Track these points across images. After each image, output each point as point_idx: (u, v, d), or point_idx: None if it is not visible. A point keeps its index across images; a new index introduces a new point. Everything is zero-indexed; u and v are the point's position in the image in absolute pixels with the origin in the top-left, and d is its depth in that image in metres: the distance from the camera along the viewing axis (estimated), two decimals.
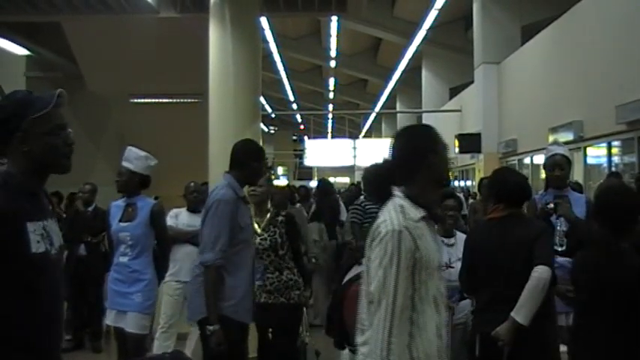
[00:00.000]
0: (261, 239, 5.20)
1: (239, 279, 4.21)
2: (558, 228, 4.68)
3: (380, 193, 4.41)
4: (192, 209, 6.88)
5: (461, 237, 4.95)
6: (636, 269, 3.35)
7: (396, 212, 2.56)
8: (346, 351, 4.35)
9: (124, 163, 4.98)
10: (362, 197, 9.20)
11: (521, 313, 3.71)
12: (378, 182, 4.39)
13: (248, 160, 4.42)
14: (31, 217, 2.50)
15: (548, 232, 4.07)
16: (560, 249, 4.60)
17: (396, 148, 2.74)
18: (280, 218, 5.30)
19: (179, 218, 6.80)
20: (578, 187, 9.19)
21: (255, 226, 5.26)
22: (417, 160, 2.66)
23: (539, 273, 3.72)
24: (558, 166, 4.96)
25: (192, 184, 6.95)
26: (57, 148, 2.60)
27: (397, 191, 2.67)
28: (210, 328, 4.08)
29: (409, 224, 2.51)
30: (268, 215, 5.31)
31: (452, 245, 4.90)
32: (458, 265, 4.66)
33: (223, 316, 4.10)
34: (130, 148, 5.06)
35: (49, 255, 2.56)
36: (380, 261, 2.48)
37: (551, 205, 4.65)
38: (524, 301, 3.72)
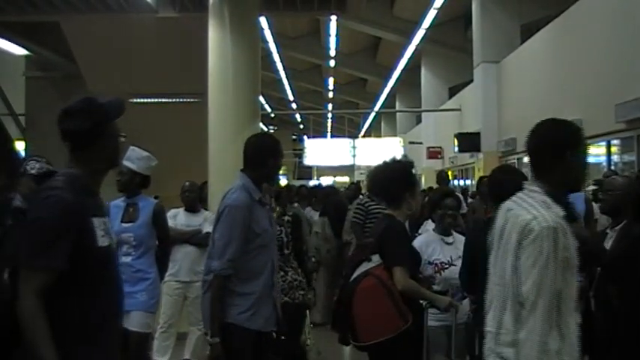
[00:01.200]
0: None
1: (255, 285, 3.92)
2: None
3: (386, 193, 4.45)
4: (190, 209, 6.88)
5: (458, 237, 4.97)
6: None
7: (544, 208, 2.44)
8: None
9: (126, 163, 4.96)
10: (364, 197, 9.23)
11: None
12: (385, 182, 4.41)
13: (263, 158, 4.02)
14: (95, 213, 2.67)
15: None
16: None
17: (535, 140, 2.65)
18: (286, 218, 5.30)
19: (177, 219, 6.80)
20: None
21: None
22: (556, 156, 2.56)
23: None
24: None
25: (187, 183, 6.96)
26: (119, 151, 2.83)
27: (534, 186, 2.56)
28: (210, 340, 3.89)
29: (559, 221, 2.41)
30: (274, 214, 5.30)
31: (450, 244, 4.91)
32: (458, 263, 4.69)
33: (233, 324, 3.88)
34: (132, 147, 5.05)
35: (112, 249, 2.74)
36: (534, 260, 2.37)
37: None
38: None
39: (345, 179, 36.43)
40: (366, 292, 3.99)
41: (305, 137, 39.78)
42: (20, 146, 16.48)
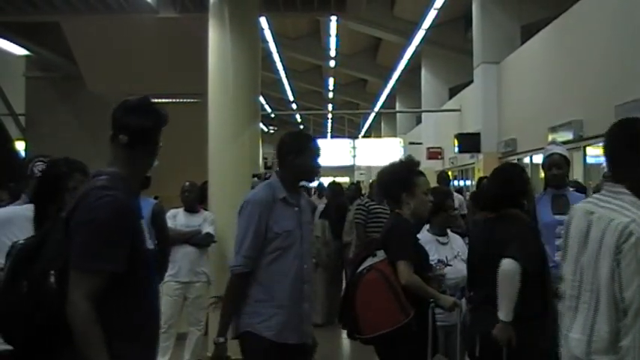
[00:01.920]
0: None
1: (276, 293, 3.69)
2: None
3: (387, 193, 4.47)
4: (190, 209, 6.89)
5: (453, 237, 5.02)
6: None
7: (637, 209, 2.35)
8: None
9: None
10: (365, 197, 9.25)
11: (500, 310, 3.75)
12: (386, 183, 4.43)
13: (294, 157, 3.85)
14: (142, 216, 2.71)
15: (526, 232, 3.98)
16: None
17: (613, 141, 2.58)
18: None
19: (177, 219, 6.81)
20: (579, 186, 9.20)
21: None
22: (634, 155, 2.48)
23: (502, 265, 3.74)
24: (556, 165, 4.97)
25: (186, 183, 6.97)
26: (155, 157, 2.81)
27: (617, 187, 2.48)
28: (215, 339, 3.70)
29: None
30: None
31: (445, 244, 4.95)
32: (454, 263, 4.74)
33: (249, 332, 3.68)
34: None
35: (154, 251, 2.77)
36: (637, 265, 2.30)
37: None
38: (499, 297, 3.76)
39: (346, 180, 36.43)
40: (368, 286, 4.05)
41: None
42: (20, 146, 16.48)
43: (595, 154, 13.36)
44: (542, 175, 5.31)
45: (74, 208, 2.55)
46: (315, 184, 14.75)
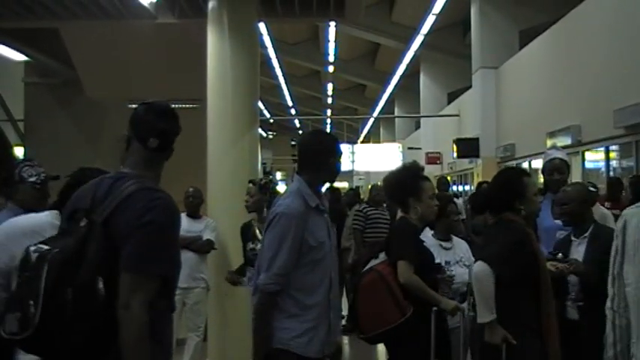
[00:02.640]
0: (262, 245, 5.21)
1: (310, 306, 3.45)
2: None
3: (393, 198, 4.49)
4: (192, 214, 6.89)
5: (457, 242, 5.03)
6: None
7: None
8: None
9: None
10: (363, 203, 9.26)
11: (477, 311, 3.77)
12: (392, 187, 4.44)
13: (321, 157, 3.56)
14: None
15: (504, 236, 3.91)
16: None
17: None
18: None
19: None
20: (594, 193, 9.18)
21: (257, 231, 5.26)
22: None
23: (474, 268, 3.79)
24: (557, 170, 4.97)
25: (190, 189, 6.98)
26: None
27: None
28: None
29: None
30: None
31: (449, 249, 4.96)
32: (455, 268, 4.75)
33: (283, 350, 3.41)
34: None
35: None
36: None
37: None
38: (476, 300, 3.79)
39: (344, 185, 36.41)
40: (367, 287, 4.14)
41: None
42: (19, 152, 16.47)
43: (593, 158, 13.38)
44: (542, 179, 5.31)
45: (114, 211, 2.47)
46: None
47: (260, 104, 10.27)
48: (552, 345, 3.78)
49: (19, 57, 14.15)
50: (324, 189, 3.84)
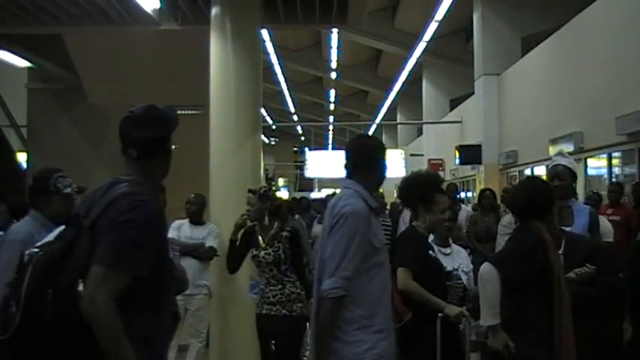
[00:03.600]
0: (265, 254, 5.22)
1: (376, 313, 3.26)
2: None
3: (404, 202, 4.49)
4: (194, 221, 6.89)
5: (456, 249, 5.02)
6: None
7: None
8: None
9: None
10: None
11: (481, 313, 3.76)
12: (403, 192, 4.44)
13: (374, 160, 3.51)
14: (165, 224, 2.71)
15: (516, 241, 3.91)
16: None
17: None
18: (285, 233, 5.31)
19: (181, 230, 6.82)
20: (597, 198, 9.21)
21: (260, 240, 5.27)
22: None
23: (480, 269, 3.76)
24: (558, 176, 4.95)
25: (192, 195, 6.98)
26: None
27: None
28: None
29: None
30: (273, 230, 5.31)
31: (447, 255, 4.95)
32: (454, 274, 4.75)
33: None
34: None
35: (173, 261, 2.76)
36: None
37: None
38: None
39: None
40: None
41: (306, 149, 39.76)
42: (22, 158, 16.49)
43: (596, 165, 13.37)
44: None
45: (101, 214, 2.51)
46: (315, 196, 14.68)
47: (262, 110, 10.29)
48: (565, 358, 3.69)
49: (22, 63, 14.18)
50: (325, 195, 3.84)
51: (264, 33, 14.12)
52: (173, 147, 2.78)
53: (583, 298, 3.88)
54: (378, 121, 36.23)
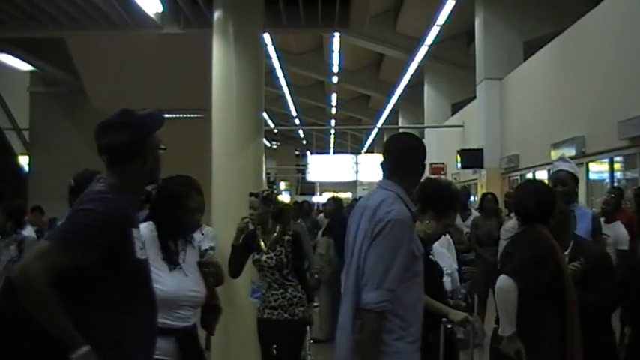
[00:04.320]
0: (267, 257, 5.20)
1: (411, 324, 3.13)
2: None
3: (420, 201, 4.46)
4: None
5: (439, 250, 4.97)
6: None
7: None
8: None
9: None
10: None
11: (499, 325, 3.73)
12: (426, 194, 4.42)
13: (415, 161, 3.31)
14: (135, 225, 2.66)
15: (528, 249, 3.84)
16: None
17: None
18: (286, 237, 5.29)
19: None
20: (614, 202, 9.11)
21: (262, 243, 5.26)
22: None
23: (497, 282, 3.71)
24: (561, 182, 4.95)
25: None
26: (159, 163, 2.76)
27: None
28: None
29: None
30: (275, 234, 5.29)
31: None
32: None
33: None
34: None
35: (148, 264, 2.70)
36: None
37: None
38: (498, 312, 3.76)
39: (348, 195, 36.40)
40: None
41: (308, 153, 39.84)
42: (24, 161, 16.52)
43: (597, 170, 13.37)
44: None
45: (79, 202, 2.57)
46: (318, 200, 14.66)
47: (264, 114, 10.31)
48: None
49: (24, 66, 14.23)
50: (326, 199, 3.82)
51: (267, 37, 14.14)
52: (160, 151, 2.75)
53: (581, 304, 3.87)
54: (379, 125, 36.24)
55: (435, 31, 19.71)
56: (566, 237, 4.21)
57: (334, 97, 34.53)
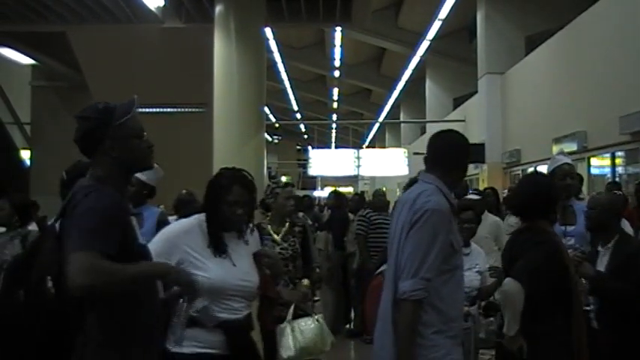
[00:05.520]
0: (281, 249, 5.17)
1: (451, 318, 3.10)
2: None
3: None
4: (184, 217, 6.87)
5: (476, 249, 5.01)
6: None
7: None
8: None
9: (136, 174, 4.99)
10: (367, 208, 9.24)
11: (505, 325, 3.73)
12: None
13: (459, 157, 3.33)
14: (128, 211, 2.71)
15: (534, 250, 3.79)
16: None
17: None
18: (298, 228, 5.29)
19: None
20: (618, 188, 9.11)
21: (275, 235, 5.23)
22: None
23: (503, 285, 3.72)
24: (569, 175, 4.91)
25: (183, 191, 6.96)
26: (142, 150, 2.75)
27: None
28: None
29: None
30: (287, 225, 5.27)
31: (467, 255, 4.93)
32: (468, 273, 4.75)
33: None
34: None
35: (149, 249, 2.78)
36: None
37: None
38: (503, 313, 3.76)
39: (349, 189, 36.41)
40: (372, 291, 4.17)
41: (309, 147, 39.78)
42: (26, 155, 16.53)
43: (599, 164, 13.36)
44: None
45: (62, 211, 2.57)
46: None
47: (266, 108, 10.31)
48: None
49: (26, 60, 14.23)
50: (327, 193, 3.82)
51: (268, 31, 14.13)
52: (138, 139, 2.74)
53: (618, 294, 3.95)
54: (381, 119, 36.21)
55: (436, 25, 19.68)
56: (607, 230, 4.29)
57: (336, 91, 34.50)
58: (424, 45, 22.27)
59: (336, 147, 48.62)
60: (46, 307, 2.42)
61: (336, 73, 29.29)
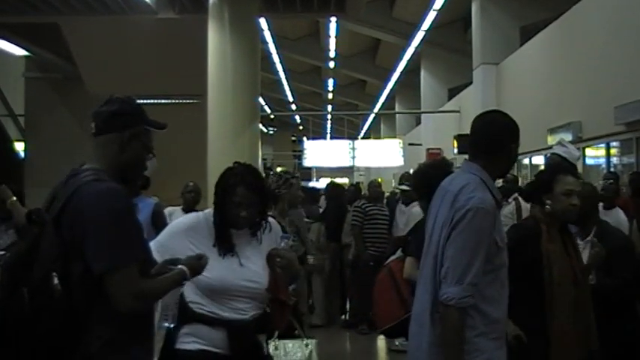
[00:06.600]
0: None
1: (494, 320, 2.89)
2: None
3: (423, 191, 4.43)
4: (188, 210, 6.88)
5: None
6: None
7: None
8: None
9: None
10: (363, 199, 9.24)
11: None
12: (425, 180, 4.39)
13: (505, 142, 2.99)
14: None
15: (512, 232, 3.74)
16: None
17: None
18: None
19: (172, 218, 6.78)
20: (614, 188, 9.10)
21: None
22: None
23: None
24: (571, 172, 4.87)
25: (191, 183, 6.96)
26: (142, 164, 2.66)
27: None
28: None
29: None
30: (286, 219, 5.23)
31: None
32: None
33: None
34: None
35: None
36: None
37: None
38: None
39: (345, 180, 36.43)
40: (379, 283, 4.34)
41: (304, 139, 39.75)
42: (20, 147, 16.47)
43: (594, 155, 13.38)
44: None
45: (64, 206, 2.43)
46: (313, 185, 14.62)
47: (260, 99, 10.28)
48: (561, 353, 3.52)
49: (19, 52, 14.16)
50: (323, 184, 3.77)
51: (263, 22, 14.09)
52: (145, 153, 2.66)
53: (600, 288, 3.84)
54: (376, 110, 36.23)
55: (431, 16, 19.66)
56: (588, 221, 4.21)
57: (331, 82, 34.48)
58: (419, 36, 22.24)
59: (331, 138, 48.64)
60: (54, 306, 2.34)
61: (331, 64, 29.26)
